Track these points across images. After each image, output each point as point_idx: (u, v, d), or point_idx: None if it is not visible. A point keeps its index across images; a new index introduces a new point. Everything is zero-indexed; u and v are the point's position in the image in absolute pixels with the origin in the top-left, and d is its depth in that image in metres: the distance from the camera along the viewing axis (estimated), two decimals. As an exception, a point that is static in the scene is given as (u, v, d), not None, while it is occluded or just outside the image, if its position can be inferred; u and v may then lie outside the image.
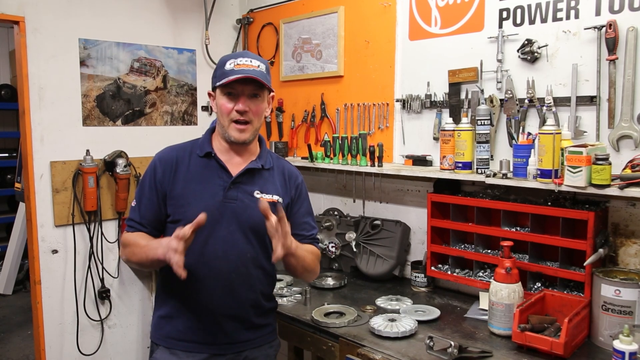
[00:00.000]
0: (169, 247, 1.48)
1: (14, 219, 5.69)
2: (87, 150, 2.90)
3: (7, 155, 6.09)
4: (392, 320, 2.03)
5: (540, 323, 1.86)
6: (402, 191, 2.72)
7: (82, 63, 2.93)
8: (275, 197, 1.78)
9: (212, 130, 1.84)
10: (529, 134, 2.05)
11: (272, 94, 1.81)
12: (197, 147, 1.79)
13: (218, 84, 1.69)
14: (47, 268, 2.82)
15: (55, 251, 2.85)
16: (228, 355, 1.75)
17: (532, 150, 1.98)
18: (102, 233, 2.99)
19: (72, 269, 2.89)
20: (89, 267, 2.95)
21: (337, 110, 2.97)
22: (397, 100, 2.66)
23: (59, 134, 2.85)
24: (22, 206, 5.38)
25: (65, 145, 2.87)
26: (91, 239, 2.95)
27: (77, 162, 2.89)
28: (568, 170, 1.82)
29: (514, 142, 2.13)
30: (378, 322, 2.00)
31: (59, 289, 2.87)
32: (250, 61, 1.69)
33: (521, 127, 2.15)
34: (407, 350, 1.83)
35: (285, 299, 2.35)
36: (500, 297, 1.92)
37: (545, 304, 2.00)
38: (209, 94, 1.81)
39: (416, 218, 2.66)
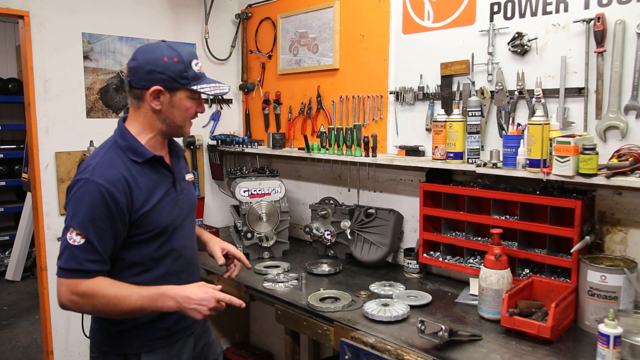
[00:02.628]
0: (209, 305, 1.58)
1: (22, 208, 5.83)
2: (91, 142, 2.98)
3: (15, 146, 6.21)
4: (385, 305, 2.10)
5: (528, 308, 1.92)
6: (395, 181, 2.79)
7: (86, 57, 3.00)
8: (191, 176, 1.88)
9: (128, 131, 1.65)
10: (519, 124, 2.10)
11: None
12: (129, 154, 1.61)
13: (199, 88, 1.63)
14: (53, 255, 2.90)
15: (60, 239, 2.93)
16: (196, 332, 1.86)
17: (522, 140, 2.03)
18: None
19: (77, 256, 2.97)
20: (94, 255, 3.03)
21: (333, 102, 3.03)
22: (391, 93, 2.72)
23: (64, 126, 2.93)
24: (29, 196, 5.49)
25: (70, 136, 2.95)
26: (95, 227, 3.02)
27: (81, 152, 2.97)
28: (556, 159, 1.87)
29: (504, 132, 2.18)
30: (372, 307, 2.07)
31: (64, 276, 2.95)
32: (201, 64, 1.69)
33: (511, 118, 2.21)
34: (400, 333, 1.90)
35: (282, 284, 2.42)
36: (489, 282, 1.98)
37: (533, 290, 2.06)
38: (157, 92, 1.59)
39: (409, 206, 2.73)
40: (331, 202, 2.92)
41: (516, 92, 2.20)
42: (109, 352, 1.67)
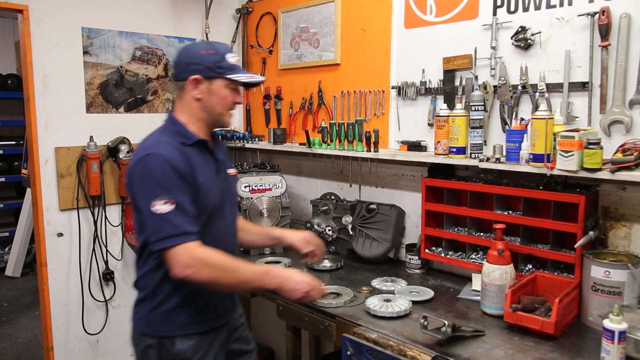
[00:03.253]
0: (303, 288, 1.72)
1: (22, 204, 5.82)
2: (91, 137, 2.96)
3: (14, 142, 6.20)
4: (387, 300, 2.09)
5: (531, 303, 1.91)
6: (397, 176, 2.77)
7: (85, 52, 2.98)
8: (234, 170, 1.97)
9: (176, 119, 1.76)
10: (522, 119, 2.09)
11: None
12: (179, 138, 1.71)
13: (233, 77, 1.72)
14: (53, 251, 2.90)
15: (60, 234, 2.92)
16: (230, 322, 1.90)
17: (525, 135, 2.01)
18: (105, 217, 3.06)
19: (77, 251, 2.96)
20: (94, 249, 3.02)
21: (334, 97, 3.01)
22: (393, 87, 2.70)
23: (63, 121, 2.91)
24: (29, 192, 5.48)
25: (70, 131, 2.93)
26: (95, 222, 3.02)
27: (81, 148, 2.95)
28: (560, 154, 1.86)
29: (507, 127, 2.17)
30: (374, 303, 2.06)
31: (64, 271, 2.94)
32: (238, 58, 1.81)
33: (514, 113, 2.19)
34: (402, 329, 1.89)
35: (283, 280, 2.41)
36: (492, 278, 1.97)
37: (536, 285, 2.05)
38: (196, 80, 1.70)
39: (411, 202, 2.71)
40: (332, 197, 2.91)
41: (519, 87, 2.19)
42: (147, 333, 1.73)
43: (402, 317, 2.00)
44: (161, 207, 1.56)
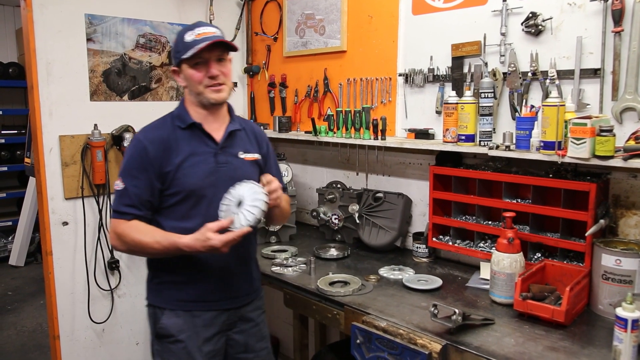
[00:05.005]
0: (214, 244, 1.65)
1: (25, 193, 5.81)
2: (95, 125, 2.94)
3: (16, 132, 6.18)
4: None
5: (540, 292, 1.90)
6: (404, 164, 2.75)
7: (89, 39, 2.95)
8: (256, 155, 1.95)
9: (183, 103, 1.90)
10: (532, 106, 2.06)
11: (230, 56, 1.86)
12: (176, 121, 1.85)
13: (185, 56, 1.74)
14: (58, 239, 2.89)
15: (65, 223, 2.91)
16: (231, 310, 1.90)
17: (536, 122, 1.99)
18: (110, 205, 3.04)
19: (82, 240, 2.95)
20: (99, 238, 3.01)
21: (340, 85, 2.98)
22: (400, 75, 2.67)
23: (67, 109, 2.89)
24: (32, 181, 5.48)
25: (74, 119, 2.90)
26: (100, 211, 3.00)
27: (85, 136, 2.93)
28: (572, 141, 1.83)
29: (517, 114, 2.14)
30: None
31: (69, 260, 2.94)
32: (208, 28, 1.78)
33: (524, 100, 2.17)
34: (411, 317, 1.88)
35: (290, 269, 2.40)
36: (502, 266, 1.96)
37: (545, 274, 2.04)
38: (174, 71, 1.85)
39: (418, 190, 2.70)
40: (338, 186, 2.89)
41: (529, 74, 2.16)
42: (149, 301, 1.90)
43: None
44: (118, 183, 1.79)
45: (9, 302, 4.86)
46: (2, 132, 6.15)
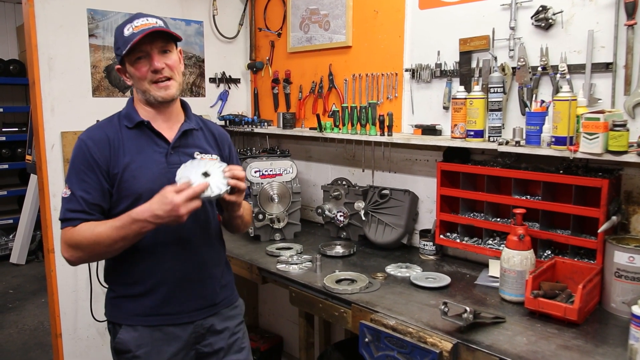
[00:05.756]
0: (176, 201, 1.45)
1: (25, 191, 5.77)
2: (97, 121, 2.89)
3: (17, 129, 6.15)
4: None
5: (551, 289, 1.87)
6: (410, 161, 2.72)
7: (91, 34, 2.92)
8: (215, 156, 1.77)
9: (132, 101, 1.75)
10: (542, 101, 2.03)
11: (179, 47, 1.74)
12: (123, 120, 1.70)
13: (124, 52, 1.60)
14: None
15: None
16: (196, 322, 1.73)
17: (546, 117, 1.96)
18: (113, 203, 3.01)
19: (84, 238, 2.92)
20: (101, 236, 2.98)
21: (345, 80, 2.95)
22: (407, 70, 2.64)
23: (69, 105, 2.86)
24: (33, 178, 5.44)
25: (76, 115, 2.87)
26: (103, 209, 2.97)
27: (87, 132, 2.89)
28: (584, 137, 1.80)
29: (527, 109, 2.11)
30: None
31: (72, 258, 2.90)
32: (147, 19, 1.64)
33: (534, 95, 2.13)
34: (420, 316, 1.85)
35: (295, 266, 2.37)
36: (512, 264, 1.93)
37: (555, 271, 2.01)
38: (118, 70, 1.71)
39: (424, 187, 2.66)
40: (344, 182, 2.86)
41: (539, 68, 2.12)
42: (107, 317, 1.75)
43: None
44: (65, 190, 1.62)
45: (10, 301, 4.83)
46: (3, 129, 6.12)
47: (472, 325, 1.71)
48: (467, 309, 1.67)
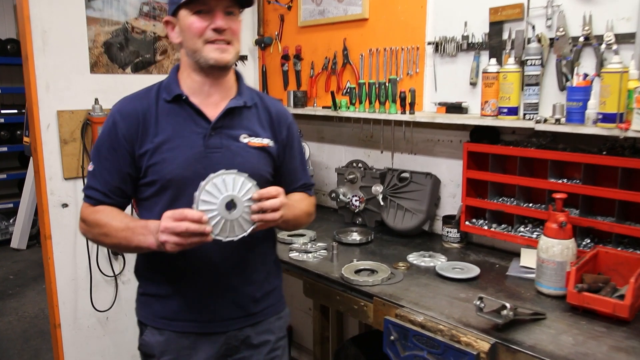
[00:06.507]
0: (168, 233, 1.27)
1: (25, 174, 5.62)
2: (96, 99, 2.72)
3: (16, 111, 5.97)
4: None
5: (594, 282, 1.69)
6: (432, 141, 2.53)
7: (88, 6, 2.71)
8: (266, 141, 1.53)
9: (177, 69, 1.53)
10: (586, 75, 1.83)
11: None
12: (162, 92, 1.48)
13: (184, 0, 1.37)
14: (58, 222, 2.69)
15: (65, 205, 2.71)
16: (229, 332, 1.52)
17: (592, 92, 1.76)
18: (114, 187, 2.84)
19: (83, 224, 2.76)
20: (102, 222, 2.82)
21: (361, 56, 2.74)
22: (429, 43, 2.43)
23: (66, 82, 2.67)
24: (32, 161, 5.27)
25: (73, 93, 2.69)
26: (103, 193, 2.80)
27: (85, 111, 2.71)
28: (638, 113, 1.61)
29: (567, 84, 1.91)
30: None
31: (70, 244, 2.74)
32: None
33: (575, 68, 1.93)
34: (451, 311, 1.67)
35: (310, 254, 2.20)
36: (551, 254, 1.75)
37: (597, 262, 1.83)
38: (167, 22, 1.48)
39: (447, 170, 2.48)
40: (360, 165, 2.68)
41: (581, 39, 1.92)
42: (136, 315, 1.60)
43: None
44: (90, 165, 1.49)
45: (11, 287, 4.69)
46: (2, 111, 5.94)
47: (510, 323, 1.54)
48: (507, 305, 1.49)
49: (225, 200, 1.30)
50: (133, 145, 1.44)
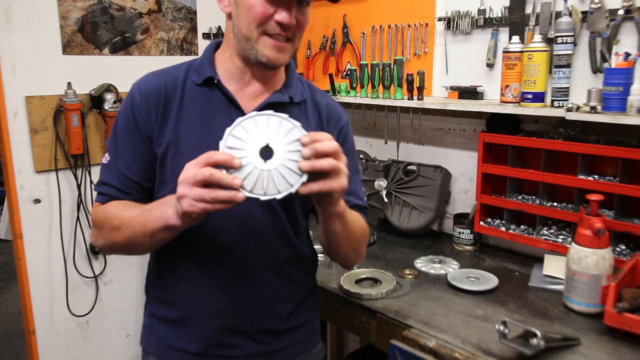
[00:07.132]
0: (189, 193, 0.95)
1: (8, 163, 5.39)
2: (69, 84, 2.45)
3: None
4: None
5: (634, 299, 1.45)
6: (442, 130, 2.27)
7: (58, -23, 2.43)
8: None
9: (215, 47, 1.27)
10: (627, 54, 1.56)
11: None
12: (192, 73, 1.23)
13: None
14: (30, 220, 2.45)
15: (37, 200, 2.46)
16: None
17: (635, 75, 1.49)
18: (90, 180, 2.58)
19: (57, 220, 2.51)
20: (78, 218, 2.57)
21: (363, 34, 2.47)
22: (440, 19, 2.16)
23: (35, 64, 2.39)
24: None
25: (43, 77, 2.41)
26: (79, 186, 2.55)
27: (57, 97, 2.45)
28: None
29: (605, 65, 1.64)
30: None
31: (44, 244, 2.50)
32: None
33: (614, 47, 1.66)
34: (467, 333, 1.43)
35: (305, 260, 1.95)
36: (584, 265, 1.50)
37: (635, 273, 1.58)
38: None
39: (459, 163, 2.22)
40: (361, 156, 2.42)
41: (620, 11, 1.64)
42: (141, 340, 1.38)
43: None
44: (105, 156, 1.24)
45: (-5, 280, 4.49)
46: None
47: (539, 352, 1.30)
48: (538, 332, 1.25)
49: (258, 145, 0.98)
50: (152, 129, 1.19)
